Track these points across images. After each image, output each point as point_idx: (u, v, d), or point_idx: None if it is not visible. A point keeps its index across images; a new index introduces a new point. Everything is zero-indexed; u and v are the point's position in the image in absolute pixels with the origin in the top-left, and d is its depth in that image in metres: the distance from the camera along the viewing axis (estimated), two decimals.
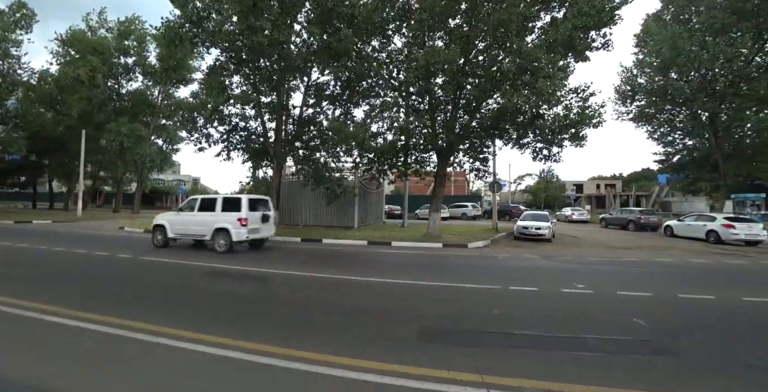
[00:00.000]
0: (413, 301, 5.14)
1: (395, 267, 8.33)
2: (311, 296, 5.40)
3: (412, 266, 8.42)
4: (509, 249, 11.50)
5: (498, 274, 7.38)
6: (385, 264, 8.77)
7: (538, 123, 10.21)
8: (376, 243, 12.38)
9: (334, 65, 11.28)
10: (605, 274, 7.69)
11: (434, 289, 5.87)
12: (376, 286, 6.08)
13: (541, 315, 4.52)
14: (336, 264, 8.67)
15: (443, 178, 12.97)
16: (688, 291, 5.84)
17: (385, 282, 6.32)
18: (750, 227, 14.27)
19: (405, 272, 7.48)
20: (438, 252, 10.75)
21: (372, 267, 8.21)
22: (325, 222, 17.63)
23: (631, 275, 7.66)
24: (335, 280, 6.45)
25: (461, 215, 28.16)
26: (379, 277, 6.60)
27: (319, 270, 7.16)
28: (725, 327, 4.26)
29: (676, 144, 23.71)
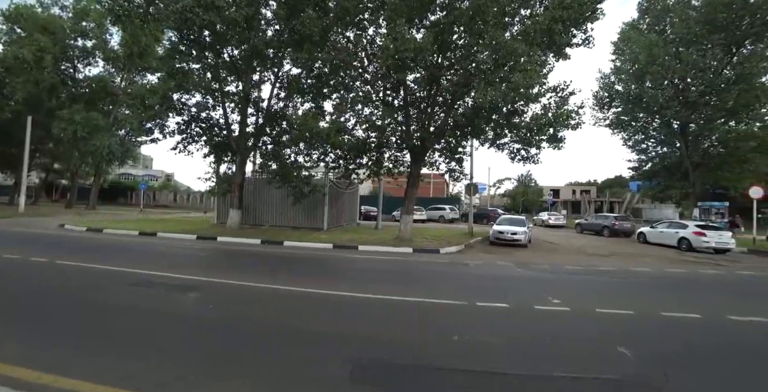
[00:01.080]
0: (361, 321, 4.27)
1: (354, 275, 7.45)
2: (236, 313, 4.43)
3: (373, 274, 7.56)
4: (483, 256, 10.85)
5: (467, 286, 6.62)
6: (344, 271, 7.87)
7: (514, 122, 9.64)
8: (341, 247, 11.46)
9: (302, 54, 10.30)
10: (582, 286, 7.09)
11: (390, 305, 5.03)
12: (322, 300, 5.17)
13: (511, 343, 3.75)
14: (288, 271, 7.70)
15: (416, 179, 12.22)
16: (671, 309, 5.25)
17: (335, 295, 5.42)
18: (720, 235, 14.29)
19: (363, 282, 6.61)
20: (406, 258, 9.94)
21: (328, 275, 7.29)
22: (293, 223, 16.55)
23: (609, 287, 7.09)
24: (276, 292, 5.50)
25: (438, 218, 27.59)
26: (331, 289, 5.69)
27: (264, 279, 6.18)
28: (719, 357, 3.62)
29: (649, 152, 24.04)
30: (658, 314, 4.97)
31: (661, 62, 18.50)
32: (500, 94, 7.89)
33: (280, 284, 5.94)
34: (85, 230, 13.39)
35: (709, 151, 21.38)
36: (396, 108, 12.17)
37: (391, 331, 3.92)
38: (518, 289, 6.43)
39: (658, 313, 5.00)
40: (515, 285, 6.78)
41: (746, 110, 18.85)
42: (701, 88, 19.04)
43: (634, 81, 20.27)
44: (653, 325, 4.55)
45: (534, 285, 6.89)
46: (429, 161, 13.80)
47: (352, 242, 12.07)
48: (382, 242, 12.15)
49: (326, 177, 15.99)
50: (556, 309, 5.03)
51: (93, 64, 25.42)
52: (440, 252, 11.16)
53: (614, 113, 22.85)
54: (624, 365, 3.25)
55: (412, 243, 12.01)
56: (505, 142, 11.62)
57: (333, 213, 17.16)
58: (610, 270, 8.91)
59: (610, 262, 10.56)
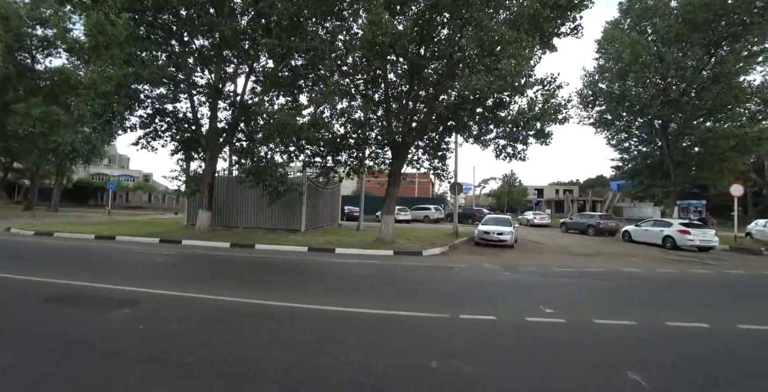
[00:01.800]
0: (313, 347, 3.50)
1: (325, 283, 6.68)
2: (169, 337, 3.60)
3: (346, 282, 6.81)
4: (468, 258, 10.25)
5: (449, 293, 5.94)
6: (314, 278, 7.09)
7: (500, 115, 9.07)
8: (317, 250, 10.65)
9: (271, 39, 9.43)
10: (574, 291, 6.53)
11: (357, 320, 4.30)
12: (282, 315, 4.39)
13: (500, 371, 3.07)
14: (252, 279, 6.87)
15: (398, 177, 11.53)
16: (674, 317, 4.71)
17: (297, 309, 4.65)
18: (704, 233, 14.20)
19: (333, 291, 5.86)
20: (386, 261, 9.23)
21: (295, 283, 6.48)
22: (269, 224, 15.59)
23: (602, 292, 6.57)
24: (227, 307, 4.68)
25: (423, 218, 27.04)
26: (295, 301, 4.91)
27: (219, 290, 5.35)
28: (742, 378, 3.04)
29: (631, 151, 24.13)
30: (663, 324, 4.42)
31: (643, 61, 18.45)
32: (486, 83, 7.28)
33: (237, 295, 5.12)
34: (32, 234, 12.11)
35: (689, 150, 21.55)
36: (376, 102, 11.44)
37: (351, 359, 3.18)
38: (506, 296, 5.81)
39: (662, 323, 4.45)
40: (503, 291, 6.16)
41: (724, 109, 19.01)
42: (682, 87, 19.10)
43: (618, 79, 20.21)
44: (661, 340, 3.97)
45: (523, 290, 6.29)
46: (411, 159, 13.14)
47: (329, 244, 11.28)
48: (361, 244, 11.41)
49: (304, 175, 15.13)
50: (550, 321, 4.41)
51: (54, 55, 23.68)
52: (423, 254, 10.51)
53: (598, 112, 22.81)
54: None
55: (394, 245, 11.32)
56: (490, 138, 11.07)
57: (312, 214, 16.30)
58: (600, 272, 8.45)
59: (598, 263, 10.15)
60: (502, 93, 8.04)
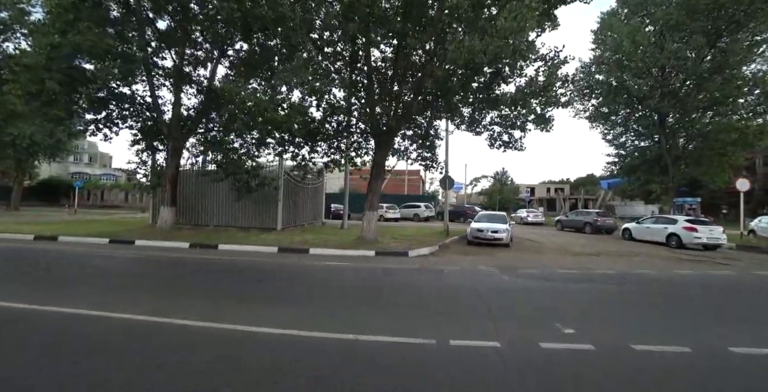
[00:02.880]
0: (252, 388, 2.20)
1: (281, 292, 5.34)
2: (26, 378, 2.26)
3: (309, 290, 5.50)
4: (460, 259, 9.04)
5: (437, 305, 4.68)
6: (270, 285, 5.76)
7: (496, 94, 7.88)
8: (289, 251, 9.32)
9: (231, 5, 8.04)
10: (590, 299, 5.35)
11: (306, 352, 3.01)
12: (208, 342, 3.08)
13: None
14: (188, 286, 5.51)
15: (381, 168, 10.27)
16: (732, 338, 3.55)
17: (220, 331, 3.34)
18: (711, 230, 13.26)
19: (287, 303, 4.55)
20: (366, 263, 7.95)
21: (245, 293, 5.15)
22: (242, 222, 14.18)
23: (624, 301, 5.38)
24: (138, 327, 3.35)
25: (413, 216, 25.83)
26: (222, 319, 3.61)
27: (137, 304, 4.00)
28: None
29: (627, 146, 23.26)
30: (726, 351, 3.23)
31: (644, 50, 17.54)
32: (482, 46, 6.07)
33: (150, 312, 3.79)
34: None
35: (688, 144, 20.67)
36: (356, 83, 10.12)
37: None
38: (509, 308, 4.58)
39: (724, 349, 3.26)
40: (504, 301, 4.93)
41: (726, 102, 18.21)
42: (682, 78, 18.23)
43: (617, 70, 19.24)
44: (733, 378, 2.78)
45: (528, 300, 5.07)
46: (397, 149, 11.90)
47: (304, 244, 9.96)
48: (340, 244, 10.12)
49: (280, 168, 13.75)
50: (574, 348, 3.18)
51: (10, 40, 21.72)
52: (409, 255, 9.26)
53: (593, 105, 21.89)
54: None
55: (377, 245, 10.05)
56: (484, 125, 9.88)
57: (290, 211, 14.93)
58: (610, 275, 7.31)
59: (604, 263, 9.04)
60: (501, 59, 6.81)
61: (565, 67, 8.22)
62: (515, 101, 7.87)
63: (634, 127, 21.54)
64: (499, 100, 8.03)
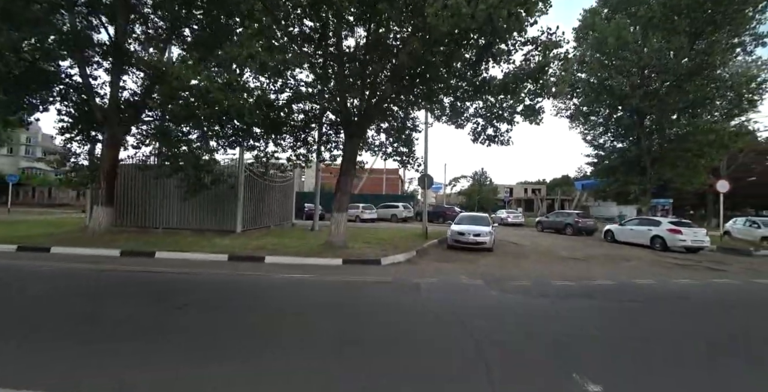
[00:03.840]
0: None
1: (203, 326, 3.95)
2: None
3: (237, 324, 4.14)
4: (440, 267, 7.93)
5: (408, 346, 3.45)
6: (193, 316, 4.36)
7: (486, 76, 6.82)
8: (240, 259, 7.91)
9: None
10: (601, 325, 4.30)
11: None
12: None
13: None
14: (75, 320, 4.03)
15: (351, 163, 9.02)
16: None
17: None
18: (695, 233, 12.86)
19: (192, 343, 3.22)
20: (328, 275, 6.67)
21: (142, 331, 3.74)
22: (197, 224, 12.54)
23: (647, 328, 4.34)
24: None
25: (391, 217, 24.69)
26: (63, 377, 2.26)
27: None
28: None
29: (607, 147, 23.06)
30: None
31: (629, 47, 17.16)
32: (469, 9, 4.93)
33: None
34: None
35: (666, 145, 20.52)
36: (327, 69, 8.80)
37: None
38: (507, 350, 3.41)
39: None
40: (499, 335, 3.78)
41: (704, 103, 18.15)
42: (663, 77, 17.98)
43: (600, 68, 18.79)
44: None
45: (529, 332, 3.95)
46: (371, 143, 10.69)
47: (261, 251, 8.56)
48: (304, 250, 8.79)
49: (240, 164, 12.22)
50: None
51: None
52: (382, 263, 8.06)
53: (575, 104, 21.50)
54: None
55: (346, 251, 8.79)
56: (467, 116, 8.82)
57: (253, 212, 13.42)
58: (610, 287, 6.39)
59: (596, 271, 8.20)
60: (493, 27, 5.66)
61: (562, 47, 7.18)
62: (506, 85, 6.83)
63: (614, 127, 21.27)
64: (487, 84, 6.96)
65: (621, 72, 18.03)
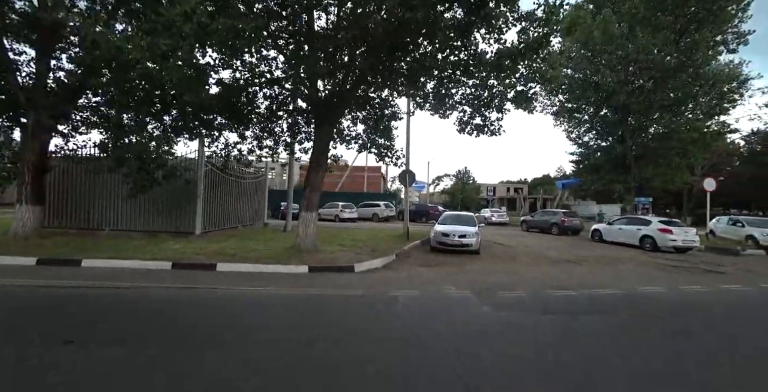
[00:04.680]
0: None
1: (91, 365, 2.78)
2: None
3: (148, 353, 2.98)
4: (421, 274, 6.93)
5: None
6: (91, 343, 3.16)
7: (480, 49, 5.85)
8: (187, 267, 6.66)
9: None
10: (634, 353, 3.37)
11: None
12: None
13: None
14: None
15: (323, 156, 7.89)
16: None
17: None
18: (686, 232, 12.42)
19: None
20: (290, 286, 5.54)
21: (17, 368, 2.55)
22: (150, 225, 11.07)
23: (695, 358, 3.45)
24: None
25: (372, 216, 23.62)
26: None
27: None
28: None
29: (591, 145, 22.76)
30: None
31: (615, 42, 16.73)
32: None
33: None
34: None
35: (650, 144, 20.31)
36: (299, 50, 7.60)
37: None
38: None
39: None
40: (499, 380, 2.78)
41: (688, 100, 17.98)
42: (650, 73, 17.65)
43: (587, 63, 18.31)
44: None
45: (537, 371, 2.96)
46: (346, 135, 9.58)
47: (215, 257, 7.31)
48: (266, 255, 7.60)
49: (200, 156, 10.85)
50: None
51: None
52: (355, 269, 6.98)
53: (560, 100, 21.05)
54: None
55: (315, 256, 7.65)
56: (453, 104, 7.84)
57: (216, 211, 12.03)
58: (619, 297, 5.55)
59: (594, 276, 7.42)
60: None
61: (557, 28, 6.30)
62: (499, 62, 5.83)
63: (599, 125, 20.92)
64: (478, 59, 5.96)
65: (608, 67, 17.59)
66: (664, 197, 40.36)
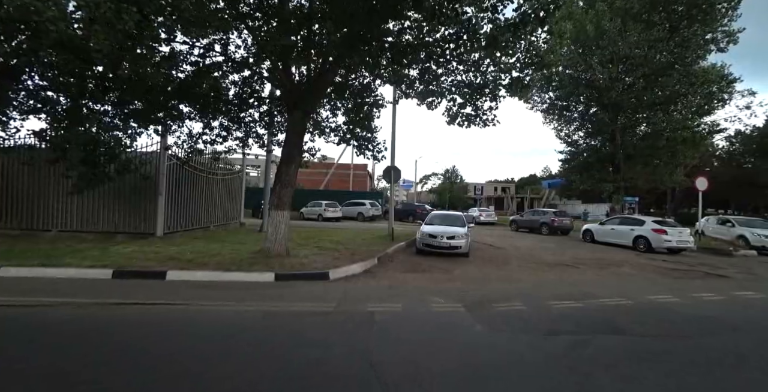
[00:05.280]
0: None
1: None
2: None
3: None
4: (404, 281, 6.11)
5: None
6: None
7: (471, 27, 5.06)
8: (132, 275, 5.66)
9: None
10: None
11: None
12: None
13: None
14: None
15: (295, 148, 6.98)
16: None
17: None
18: (680, 233, 12.00)
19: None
20: (250, 299, 4.62)
21: None
22: (105, 226, 9.93)
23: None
24: None
25: (357, 215, 22.71)
26: None
27: None
28: None
29: (580, 144, 22.39)
30: None
31: (608, 36, 16.26)
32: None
33: None
34: None
35: (639, 142, 19.98)
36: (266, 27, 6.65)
37: None
38: None
39: None
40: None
41: (680, 98, 17.68)
42: (643, 70, 17.25)
43: (579, 59, 17.79)
44: None
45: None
46: (326, 126, 8.67)
47: (169, 263, 6.31)
48: (229, 261, 6.65)
49: (162, 149, 9.74)
50: None
51: None
52: (330, 276, 6.10)
53: (550, 98, 20.56)
54: None
55: (285, 261, 6.73)
56: (441, 91, 7.03)
57: (182, 210, 10.92)
58: (630, 309, 4.85)
59: (596, 281, 6.77)
60: None
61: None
62: (494, 38, 5.04)
63: (589, 123, 20.49)
64: (471, 31, 5.15)
65: (600, 63, 17.13)
66: (647, 197, 40.88)
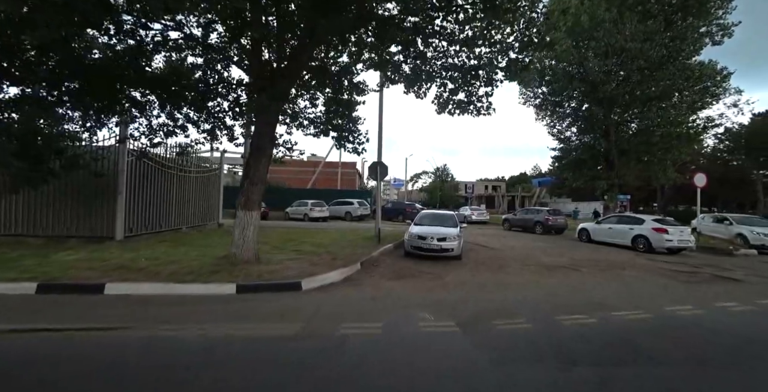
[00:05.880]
0: None
1: None
2: None
3: None
4: (389, 291, 5.30)
5: None
6: None
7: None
8: (62, 290, 4.73)
9: None
10: None
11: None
12: None
13: None
14: None
15: (267, 138, 6.11)
16: None
17: None
18: (681, 232, 11.47)
19: None
20: (193, 320, 3.75)
21: None
22: (57, 229, 8.90)
23: None
24: None
25: (345, 215, 21.82)
26: None
27: None
28: None
29: (573, 141, 21.91)
30: None
31: (604, 27, 15.71)
32: None
33: None
34: None
35: (633, 138, 19.54)
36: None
37: None
38: None
39: None
40: None
41: (674, 94, 17.28)
42: (638, 63, 16.75)
43: (574, 52, 17.22)
44: None
45: None
46: (304, 117, 7.80)
47: (110, 274, 5.38)
48: (187, 269, 5.74)
49: (122, 143, 8.73)
50: None
51: None
52: (303, 287, 5.26)
53: (543, 92, 19.99)
54: None
55: (252, 269, 5.85)
56: (431, 74, 6.24)
57: (147, 211, 9.91)
58: (652, 326, 4.13)
59: (602, 288, 6.08)
60: None
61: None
62: (488, 21, 4.23)
63: (582, 120, 19.98)
64: (468, 15, 4.40)
65: (595, 55, 16.57)
66: (636, 194, 40.99)
